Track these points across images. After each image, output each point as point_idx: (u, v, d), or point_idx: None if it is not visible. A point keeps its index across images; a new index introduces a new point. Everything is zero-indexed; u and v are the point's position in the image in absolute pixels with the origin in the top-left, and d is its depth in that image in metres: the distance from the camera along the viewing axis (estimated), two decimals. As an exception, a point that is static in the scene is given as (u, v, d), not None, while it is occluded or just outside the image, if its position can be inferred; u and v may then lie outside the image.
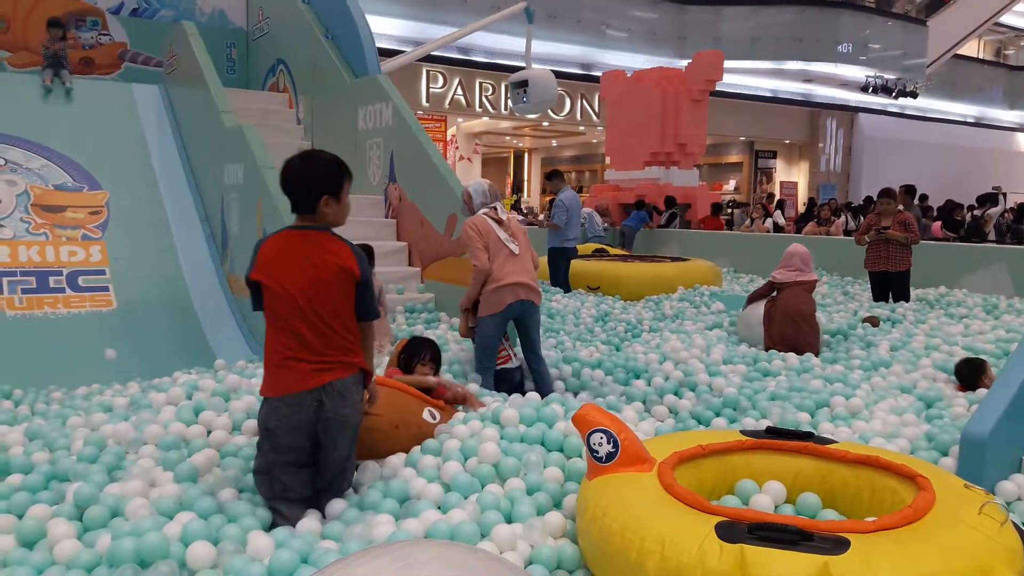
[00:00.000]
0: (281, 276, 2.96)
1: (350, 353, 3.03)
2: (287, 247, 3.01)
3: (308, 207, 3.03)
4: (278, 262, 2.98)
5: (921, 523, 2.31)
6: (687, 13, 21.02)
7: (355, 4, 8.50)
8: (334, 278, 2.97)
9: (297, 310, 2.93)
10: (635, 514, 2.44)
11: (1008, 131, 29.32)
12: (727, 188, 25.43)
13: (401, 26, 16.86)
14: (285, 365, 2.97)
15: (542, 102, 10.64)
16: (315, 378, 2.95)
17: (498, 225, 4.89)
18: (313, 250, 2.98)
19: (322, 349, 2.96)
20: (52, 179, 7.91)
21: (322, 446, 3.04)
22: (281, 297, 2.94)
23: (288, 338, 2.95)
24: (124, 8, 10.08)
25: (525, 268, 4.89)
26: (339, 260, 3.00)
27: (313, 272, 2.95)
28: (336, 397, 2.98)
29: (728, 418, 4.41)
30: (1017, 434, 3.41)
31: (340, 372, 2.99)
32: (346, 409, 3.00)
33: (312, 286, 2.94)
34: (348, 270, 3.00)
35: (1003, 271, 9.43)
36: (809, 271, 6.47)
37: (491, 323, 4.83)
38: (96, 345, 6.19)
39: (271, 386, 3.01)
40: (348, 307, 3.03)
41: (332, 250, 3.01)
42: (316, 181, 3.05)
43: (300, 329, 2.94)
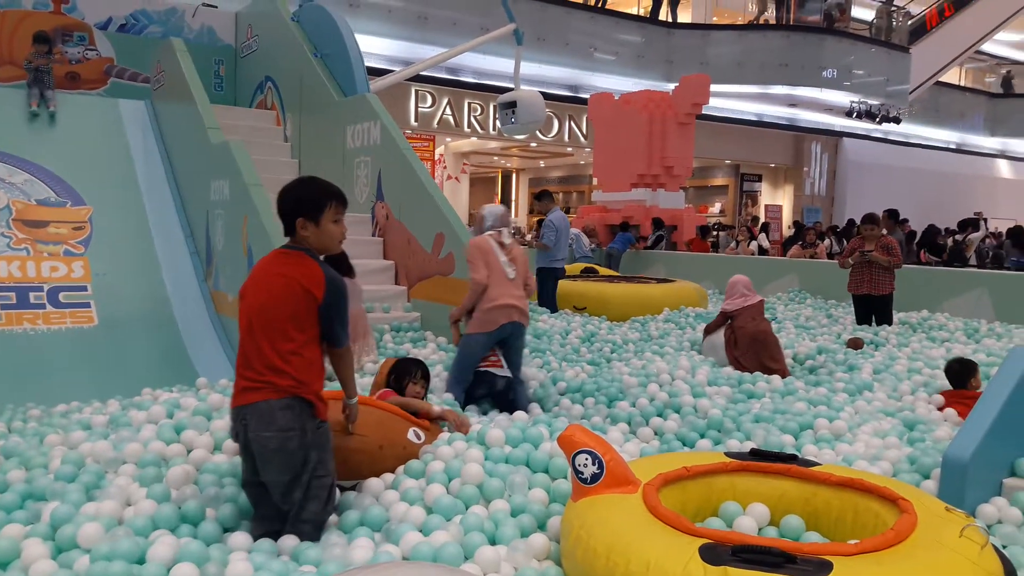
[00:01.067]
0: (246, 288, 3.03)
1: (286, 376, 2.89)
2: (265, 264, 3.07)
3: (288, 229, 3.05)
4: (251, 276, 3.06)
5: (903, 546, 2.32)
6: (674, 37, 21.20)
7: (344, 23, 8.53)
8: (285, 296, 2.92)
9: (245, 323, 2.95)
10: (620, 536, 2.44)
11: (989, 157, 29.66)
12: (713, 211, 25.56)
13: (390, 46, 16.92)
14: (235, 379, 3.01)
15: (530, 123, 10.68)
16: (240, 396, 2.94)
17: (500, 248, 5.10)
18: (281, 268, 2.98)
19: (256, 367, 2.90)
20: (35, 194, 7.86)
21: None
22: (240, 309, 3.00)
23: (239, 351, 2.98)
24: (112, 24, 10.08)
25: (517, 293, 5.07)
26: (300, 280, 2.92)
27: (267, 288, 2.95)
28: (257, 419, 2.88)
29: (713, 440, 4.41)
30: (998, 457, 3.43)
31: (266, 393, 2.88)
32: (266, 432, 2.87)
33: (262, 302, 2.94)
34: (307, 291, 2.92)
35: (984, 296, 9.51)
36: (753, 295, 6.83)
37: (479, 340, 4.98)
38: (76, 362, 6.13)
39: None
40: (300, 329, 2.93)
41: (299, 270, 2.95)
42: (292, 203, 3.04)
43: (244, 344, 2.95)
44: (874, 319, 8.47)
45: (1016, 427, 3.49)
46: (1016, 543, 3.07)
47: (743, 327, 6.52)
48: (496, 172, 29.23)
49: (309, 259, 2.99)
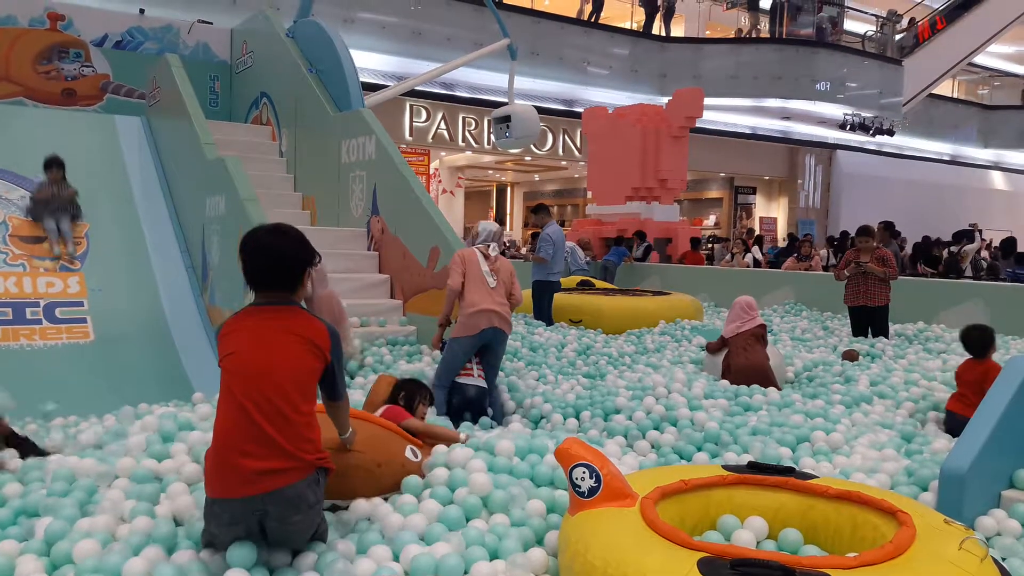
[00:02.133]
0: (244, 350, 2.69)
1: (311, 446, 2.67)
2: (260, 320, 2.75)
3: (288, 284, 2.79)
4: (246, 335, 2.71)
5: (902, 559, 2.32)
6: (667, 51, 21.30)
7: (339, 39, 8.56)
8: (302, 356, 2.70)
9: (251, 390, 2.61)
10: (617, 550, 2.43)
11: (982, 169, 29.79)
12: (707, 223, 25.62)
13: (385, 61, 16.97)
14: (226, 460, 2.58)
15: (524, 137, 10.71)
16: (256, 483, 2.55)
17: (484, 259, 5.37)
18: (284, 324, 2.73)
19: (276, 442, 2.58)
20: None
21: (270, 547, 2.75)
22: (237, 374, 2.66)
23: (232, 423, 2.60)
24: (108, 40, 10.11)
25: (499, 300, 5.30)
26: (311, 337, 2.73)
27: (281, 348, 2.68)
28: (284, 506, 2.60)
29: (710, 453, 4.41)
30: (996, 469, 3.43)
31: (293, 475, 2.60)
32: (297, 516, 2.63)
33: (276, 364, 2.66)
34: (319, 349, 2.74)
35: (980, 307, 9.53)
36: (752, 317, 6.56)
37: (462, 344, 5.21)
38: (73, 378, 6.12)
39: (208, 483, 2.64)
40: (313, 391, 2.76)
41: (304, 326, 2.75)
42: (306, 253, 2.84)
43: (247, 416, 2.58)
44: (870, 331, 8.48)
45: (1014, 439, 3.49)
46: (1015, 555, 3.07)
47: (735, 359, 6.30)
48: (491, 186, 29.28)
49: (307, 313, 2.82)
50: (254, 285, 2.79)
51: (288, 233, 2.85)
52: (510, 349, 7.13)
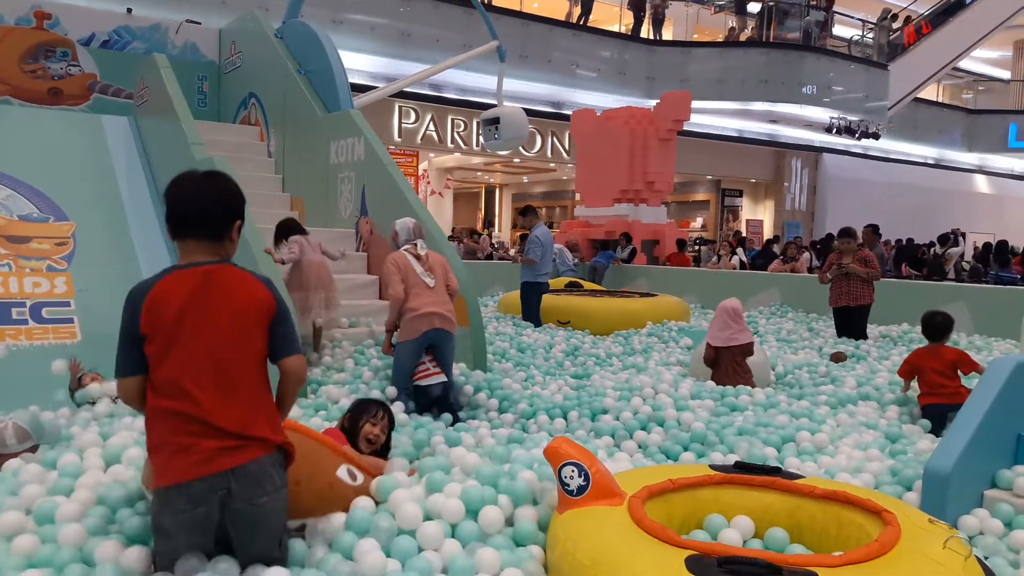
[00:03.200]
0: (184, 319, 2.41)
1: (269, 423, 2.49)
2: (196, 286, 2.45)
3: (217, 234, 2.51)
4: (176, 311, 2.41)
5: (887, 557, 2.34)
6: (655, 54, 21.38)
7: (328, 40, 8.55)
8: (248, 324, 2.47)
9: (196, 370, 2.39)
10: (606, 548, 2.45)
11: (966, 172, 30.02)
12: (694, 226, 25.72)
13: (374, 62, 16.96)
14: (174, 443, 2.38)
15: (513, 139, 10.74)
16: (219, 459, 2.37)
17: (416, 260, 5.45)
18: (225, 290, 2.47)
19: (233, 419, 2.40)
20: (17, 210, 7.81)
21: (235, 545, 2.49)
22: (175, 356, 2.40)
23: (183, 406, 2.38)
24: (95, 39, 10.05)
25: (440, 299, 5.39)
26: (256, 297, 2.50)
27: (227, 317, 2.45)
28: (246, 484, 2.40)
29: (696, 453, 4.43)
30: (979, 469, 3.47)
31: (254, 451, 2.42)
32: (263, 497, 2.43)
33: (225, 335, 2.44)
34: (267, 307, 2.51)
35: (963, 309, 9.61)
36: (740, 327, 6.25)
37: (407, 348, 5.31)
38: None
39: (161, 471, 2.41)
40: (263, 358, 2.53)
41: (247, 287, 2.51)
42: (237, 202, 2.56)
43: (198, 395, 2.38)
44: (850, 334, 8.54)
45: (997, 439, 3.54)
46: (997, 554, 3.11)
47: (724, 377, 6.05)
48: (479, 187, 29.31)
49: (242, 270, 2.55)
50: (182, 233, 2.50)
51: (225, 179, 2.56)
52: (499, 350, 7.16)
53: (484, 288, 13.60)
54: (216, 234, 2.51)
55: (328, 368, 5.91)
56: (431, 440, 4.46)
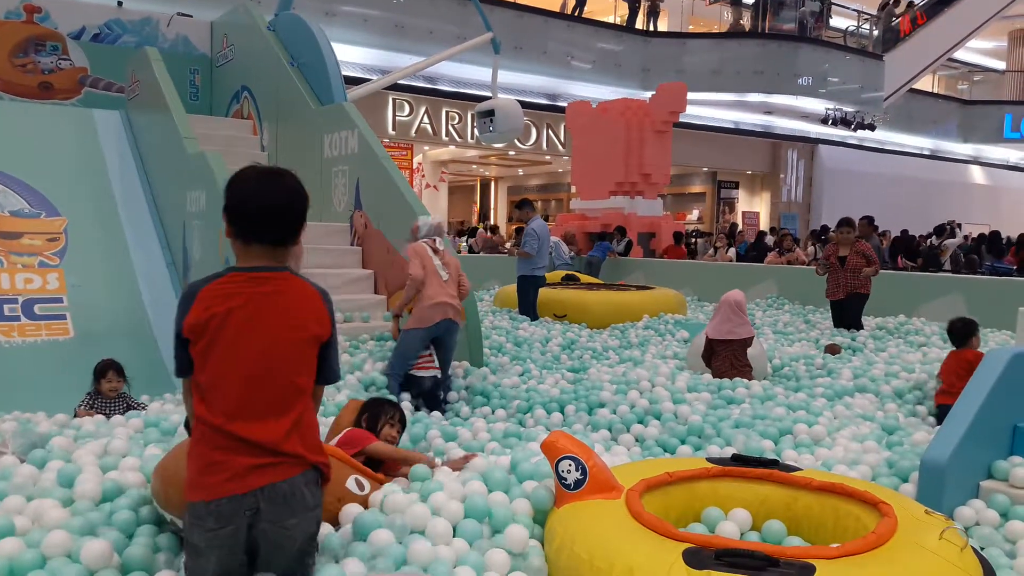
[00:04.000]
0: (224, 334, 2.26)
1: (305, 440, 2.32)
2: (241, 295, 2.29)
3: (284, 240, 2.35)
4: (224, 314, 2.26)
5: (884, 549, 2.34)
6: (651, 45, 21.33)
7: (320, 32, 8.51)
8: (300, 337, 2.32)
9: (237, 381, 2.25)
10: (603, 541, 2.44)
11: (962, 163, 30.06)
12: (691, 218, 25.72)
13: (368, 55, 16.91)
14: (206, 457, 2.25)
15: (508, 131, 10.69)
16: (249, 478, 2.23)
17: (434, 254, 5.59)
18: (284, 302, 2.31)
19: (266, 435, 2.25)
20: (8, 205, 7.77)
21: (259, 559, 2.33)
22: (216, 363, 2.26)
23: (217, 418, 2.25)
24: (85, 33, 9.99)
25: (452, 292, 5.55)
26: (317, 316, 2.36)
27: (282, 332, 2.30)
28: (276, 504, 2.25)
29: (693, 446, 4.43)
30: (975, 460, 3.47)
31: (286, 469, 2.27)
32: (291, 519, 2.28)
33: (274, 350, 2.29)
34: (324, 327, 2.37)
35: (959, 300, 9.62)
36: (742, 320, 6.16)
37: (417, 335, 5.41)
38: (53, 374, 6.06)
39: (192, 484, 2.28)
40: (310, 375, 2.38)
41: (309, 303, 2.36)
42: (304, 206, 2.39)
43: (235, 408, 2.25)
44: (845, 324, 8.54)
45: (993, 430, 3.53)
46: (993, 545, 3.10)
47: (722, 369, 6.01)
48: (475, 180, 29.26)
49: (307, 286, 2.39)
50: (249, 236, 2.33)
51: (284, 175, 2.40)
52: (495, 344, 7.14)
53: (480, 282, 13.57)
54: (284, 240, 2.35)
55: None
56: (427, 434, 4.45)
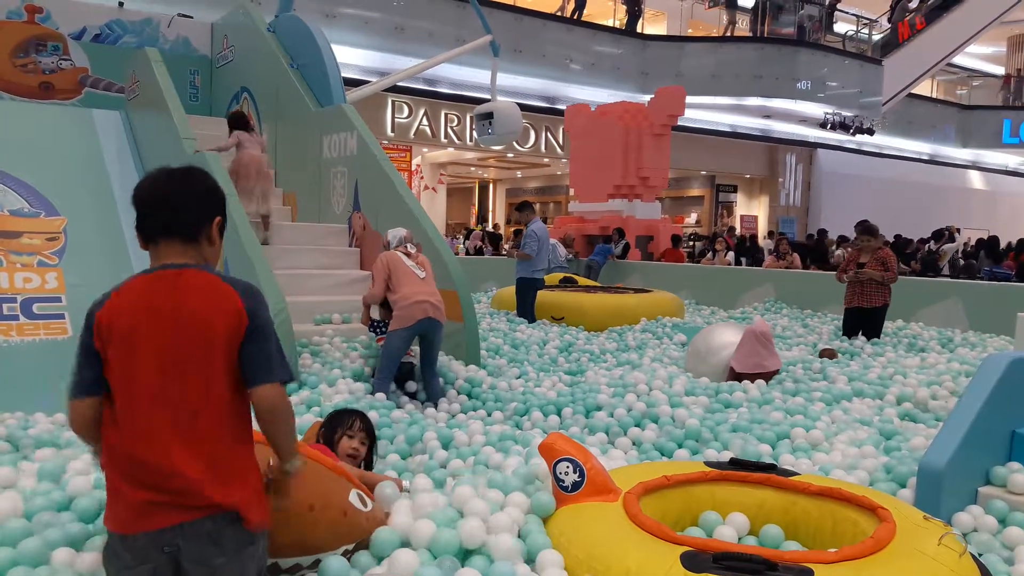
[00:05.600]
0: (130, 344, 1.98)
1: (229, 473, 2.00)
2: (145, 297, 2.02)
3: (190, 234, 2.08)
4: (129, 321, 1.99)
5: (883, 554, 2.34)
6: (649, 49, 21.36)
7: (320, 34, 8.51)
8: (218, 340, 1.99)
9: (145, 398, 1.96)
10: (601, 544, 2.44)
11: (960, 168, 30.10)
12: (689, 221, 25.73)
13: (367, 56, 16.92)
14: (117, 487, 1.97)
15: (507, 134, 10.71)
16: (162, 513, 1.93)
17: (407, 257, 5.68)
18: (186, 298, 2.00)
19: (182, 464, 1.93)
20: (8, 205, 7.76)
21: None
22: (123, 378, 1.98)
23: (126, 443, 1.96)
24: (86, 33, 9.99)
25: (431, 289, 5.56)
26: (223, 307, 2.00)
27: (186, 334, 1.98)
28: (204, 543, 1.96)
29: (690, 450, 4.42)
30: (973, 466, 3.47)
31: (211, 508, 1.96)
32: (219, 559, 1.97)
33: (179, 357, 1.98)
34: (235, 320, 2.00)
35: (957, 305, 9.63)
36: (768, 351, 6.05)
37: (400, 336, 5.42)
38: (51, 374, 6.04)
39: (107, 513, 2.01)
40: (229, 384, 2.02)
41: (214, 295, 2.02)
42: (206, 198, 2.13)
43: (144, 430, 1.95)
44: (862, 331, 8.36)
45: (991, 436, 3.53)
46: (991, 551, 3.10)
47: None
48: (473, 182, 29.27)
49: (215, 279, 2.06)
50: (142, 231, 2.10)
51: (194, 172, 2.17)
52: (492, 346, 7.14)
53: (478, 284, 13.57)
54: (189, 234, 2.07)
55: (323, 363, 5.88)
56: (424, 436, 4.45)
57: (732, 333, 6.41)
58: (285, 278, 6.40)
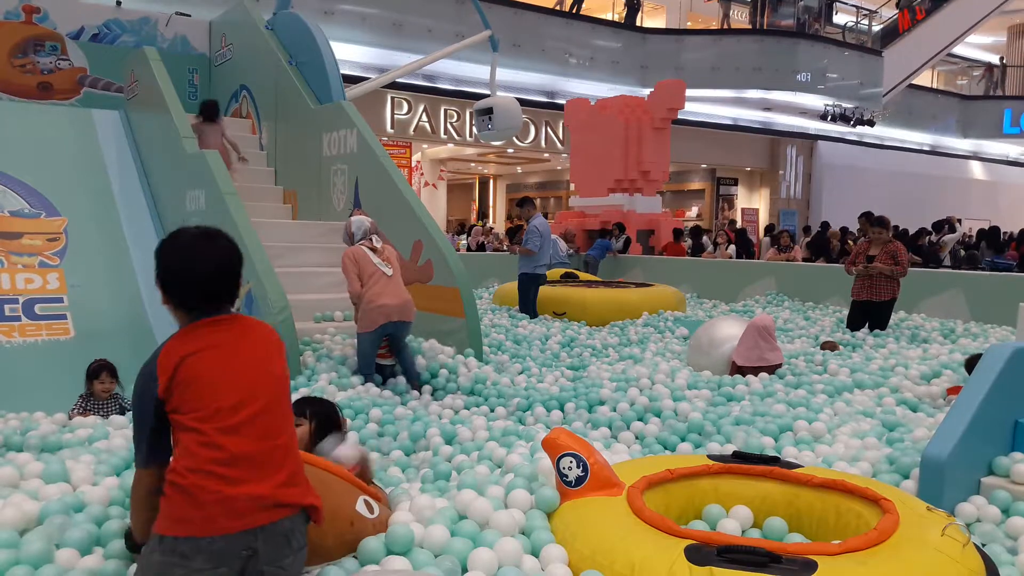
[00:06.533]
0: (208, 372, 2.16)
1: (301, 477, 2.24)
2: (206, 338, 2.20)
3: (231, 296, 2.29)
4: (198, 358, 2.16)
5: (886, 545, 2.34)
6: (649, 42, 21.32)
7: (319, 31, 8.50)
8: (277, 358, 2.31)
9: (233, 412, 2.13)
10: (605, 538, 2.44)
11: (961, 159, 30.04)
12: (690, 215, 25.71)
13: (366, 53, 16.89)
14: (201, 487, 2.05)
15: (507, 129, 10.69)
16: (254, 514, 2.07)
17: (373, 252, 5.70)
18: (245, 331, 2.28)
19: (270, 470, 2.14)
20: (8, 205, 7.76)
21: None
22: (208, 400, 2.13)
23: (216, 450, 2.09)
24: (84, 33, 9.98)
25: (397, 290, 5.65)
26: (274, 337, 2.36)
27: (269, 355, 2.29)
28: (279, 543, 2.11)
29: (693, 443, 4.43)
30: (975, 456, 3.47)
31: (288, 508, 2.15)
32: (288, 558, 2.14)
33: (272, 374, 2.27)
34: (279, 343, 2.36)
35: (959, 296, 9.62)
36: (770, 345, 6.08)
37: (367, 339, 5.62)
38: (53, 375, 6.06)
39: (172, 517, 2.07)
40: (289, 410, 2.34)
41: (263, 327, 2.35)
42: (240, 266, 2.32)
43: (235, 440, 2.11)
44: (869, 324, 8.32)
45: (994, 426, 3.53)
46: (995, 541, 3.10)
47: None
48: (473, 178, 29.24)
49: (265, 324, 2.40)
50: (198, 300, 2.23)
51: (216, 236, 2.31)
52: (494, 342, 7.15)
53: (479, 280, 13.57)
54: (231, 302, 2.29)
55: (322, 358, 5.89)
56: (427, 433, 4.46)
57: (734, 326, 6.40)
58: (286, 276, 6.40)
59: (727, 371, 6.10)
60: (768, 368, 6.06)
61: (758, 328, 6.08)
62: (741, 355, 6.08)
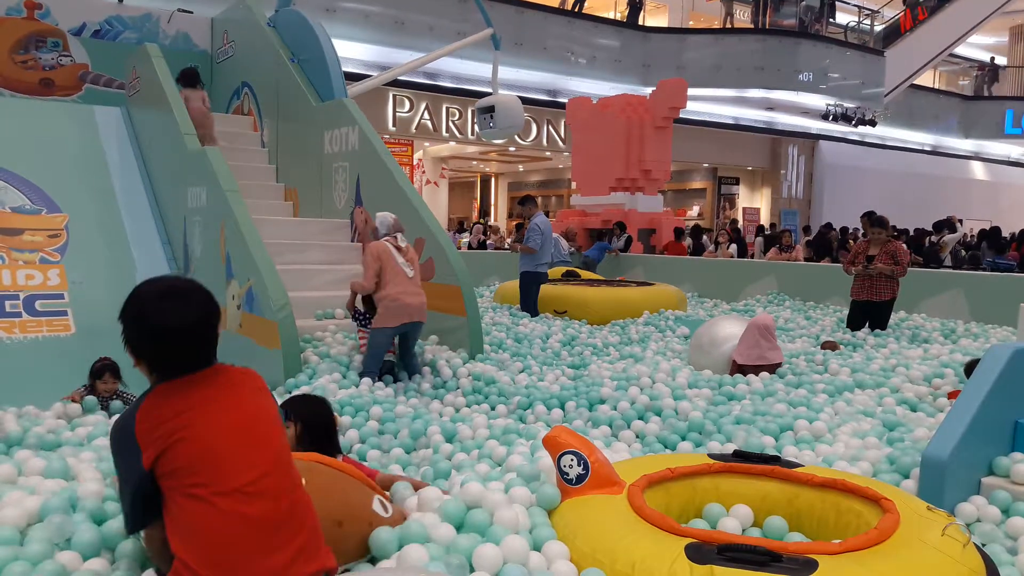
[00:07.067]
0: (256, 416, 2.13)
1: (318, 538, 2.18)
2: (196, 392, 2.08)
3: (210, 357, 2.14)
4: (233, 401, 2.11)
5: (887, 544, 2.34)
6: (651, 41, 21.31)
7: (321, 28, 8.50)
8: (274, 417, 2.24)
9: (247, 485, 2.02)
10: (606, 536, 2.44)
11: (963, 159, 30.03)
12: (691, 214, 25.70)
13: (368, 51, 16.89)
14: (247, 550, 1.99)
15: (508, 127, 10.69)
16: (300, 565, 2.04)
17: (397, 251, 5.73)
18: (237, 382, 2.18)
19: (307, 526, 2.13)
20: (9, 202, 7.77)
21: None
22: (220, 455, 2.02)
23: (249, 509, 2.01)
24: (86, 29, 9.97)
25: (416, 288, 5.74)
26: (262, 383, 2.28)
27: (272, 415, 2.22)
28: None
29: (694, 442, 4.43)
30: (976, 456, 3.46)
31: (326, 558, 2.15)
32: None
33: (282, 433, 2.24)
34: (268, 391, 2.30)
35: (960, 296, 9.61)
36: (771, 344, 6.07)
37: (384, 334, 5.64)
38: (54, 371, 6.06)
39: None
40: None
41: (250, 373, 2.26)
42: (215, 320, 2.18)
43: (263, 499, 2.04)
44: (869, 324, 8.31)
45: (994, 426, 3.53)
46: (995, 541, 3.10)
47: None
48: (475, 176, 29.25)
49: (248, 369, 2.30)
50: (180, 367, 2.08)
51: (191, 291, 2.18)
52: (495, 340, 7.15)
53: (480, 278, 13.57)
54: (209, 358, 2.14)
55: (323, 356, 5.89)
56: (428, 431, 4.46)
57: (735, 326, 6.40)
58: (287, 273, 6.40)
59: (728, 370, 6.10)
60: (769, 367, 6.06)
61: (759, 327, 6.08)
62: (742, 354, 6.08)
